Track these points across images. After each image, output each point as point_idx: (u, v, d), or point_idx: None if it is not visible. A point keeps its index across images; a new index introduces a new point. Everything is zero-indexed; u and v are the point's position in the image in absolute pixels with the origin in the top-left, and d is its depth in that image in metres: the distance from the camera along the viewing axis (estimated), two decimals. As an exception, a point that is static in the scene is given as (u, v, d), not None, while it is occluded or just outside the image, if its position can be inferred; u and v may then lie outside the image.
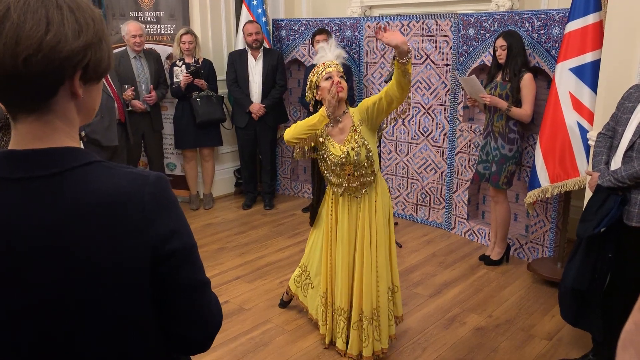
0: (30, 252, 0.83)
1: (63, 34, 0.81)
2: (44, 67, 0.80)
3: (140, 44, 4.69)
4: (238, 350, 2.97)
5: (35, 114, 0.85)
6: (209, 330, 0.99)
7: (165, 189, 0.92)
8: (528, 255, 4.13)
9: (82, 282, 0.85)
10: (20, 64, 0.79)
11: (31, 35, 0.79)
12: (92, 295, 0.86)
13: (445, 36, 4.48)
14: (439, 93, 4.61)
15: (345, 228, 2.79)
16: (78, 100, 0.89)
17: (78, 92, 0.87)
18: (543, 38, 3.82)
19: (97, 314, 0.87)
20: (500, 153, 3.77)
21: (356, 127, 2.69)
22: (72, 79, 0.85)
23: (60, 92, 0.85)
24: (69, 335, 0.86)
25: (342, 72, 2.75)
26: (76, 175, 0.86)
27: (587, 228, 2.56)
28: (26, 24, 0.79)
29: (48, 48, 0.80)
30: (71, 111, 0.89)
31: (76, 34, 0.83)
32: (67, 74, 0.84)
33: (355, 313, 2.81)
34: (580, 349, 2.93)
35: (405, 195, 5.02)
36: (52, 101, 0.85)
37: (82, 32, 0.83)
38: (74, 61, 0.83)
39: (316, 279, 3.05)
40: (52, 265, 0.84)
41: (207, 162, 5.26)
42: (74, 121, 0.90)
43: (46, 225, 0.83)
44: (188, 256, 0.93)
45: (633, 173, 2.40)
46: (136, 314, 0.91)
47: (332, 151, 2.70)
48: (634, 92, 2.57)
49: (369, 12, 5.54)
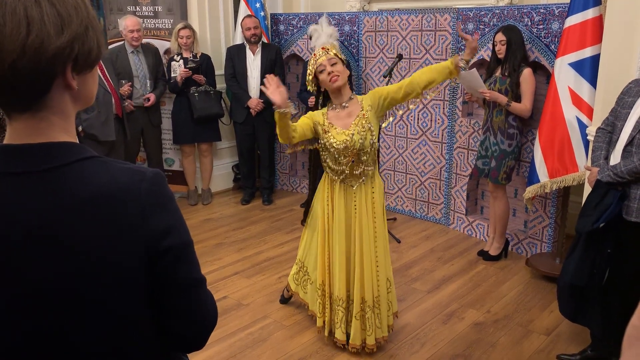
0: (25, 245, 0.82)
1: (45, 33, 0.78)
2: (32, 70, 0.78)
3: (137, 38, 4.67)
4: (237, 346, 2.97)
5: (30, 111, 0.84)
6: (204, 328, 0.99)
7: (162, 185, 0.91)
8: (527, 250, 4.13)
9: (78, 277, 0.84)
10: (7, 70, 0.77)
11: (12, 40, 0.76)
12: (87, 290, 0.85)
13: (444, 31, 4.46)
14: (437, 88, 4.59)
15: (342, 218, 2.79)
16: (73, 91, 0.87)
17: (72, 84, 0.85)
18: (542, 33, 3.81)
19: (93, 309, 0.86)
20: (500, 148, 3.77)
21: (365, 112, 2.68)
22: (64, 74, 0.83)
23: (54, 87, 0.84)
24: (64, 330, 0.86)
25: (335, 54, 2.71)
26: (72, 170, 0.85)
27: (586, 223, 2.55)
28: (6, 27, 0.76)
29: (32, 50, 0.77)
30: (66, 104, 0.87)
31: (59, 29, 0.79)
32: (57, 70, 0.82)
33: (356, 303, 2.80)
34: (578, 344, 2.93)
35: (403, 190, 5.01)
36: (46, 97, 0.84)
37: (65, 25, 0.80)
38: (62, 57, 0.81)
39: (314, 273, 3.04)
40: (47, 259, 0.83)
41: (206, 158, 5.25)
42: (69, 115, 0.89)
43: (41, 220, 0.83)
44: (184, 253, 0.93)
45: (632, 168, 2.40)
46: (132, 310, 0.90)
47: (336, 137, 2.68)
48: (634, 87, 2.56)
49: (368, 6, 5.52)
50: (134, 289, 0.89)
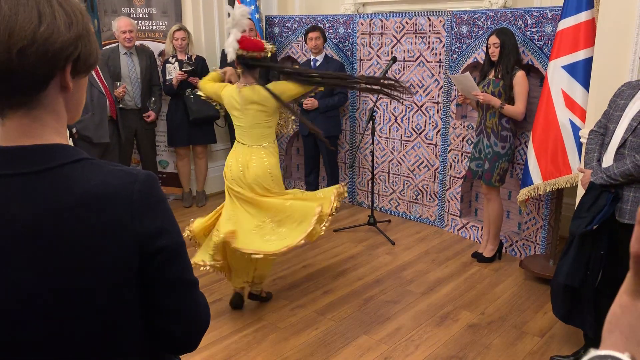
0: (11, 249, 0.82)
1: (56, 26, 0.81)
2: (38, 59, 0.80)
3: (130, 39, 4.66)
4: (231, 348, 2.96)
5: (24, 109, 0.84)
6: (196, 330, 0.99)
7: (155, 187, 0.92)
8: (520, 252, 4.14)
9: (67, 280, 0.84)
10: (15, 56, 0.78)
11: (24, 27, 0.79)
12: (77, 293, 0.85)
13: (438, 33, 4.48)
14: (432, 90, 4.62)
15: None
16: (67, 95, 0.88)
17: (69, 84, 0.86)
18: (536, 35, 3.83)
19: (82, 310, 0.86)
20: (493, 151, 3.78)
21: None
22: (63, 72, 0.85)
23: (51, 86, 0.85)
24: (54, 333, 0.85)
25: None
26: (63, 172, 0.85)
27: (580, 225, 2.57)
28: (18, 16, 0.79)
29: (42, 39, 0.80)
30: (60, 106, 0.88)
31: (67, 26, 0.83)
32: (59, 65, 0.84)
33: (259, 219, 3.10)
34: (572, 346, 2.95)
35: (398, 192, 5.02)
36: (42, 95, 0.85)
37: (72, 24, 0.84)
38: (67, 53, 0.83)
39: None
40: (34, 262, 0.83)
41: (200, 160, 5.24)
42: (62, 117, 0.89)
43: (30, 222, 0.83)
44: (176, 254, 0.93)
45: (625, 170, 2.41)
46: (123, 312, 0.90)
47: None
48: (626, 90, 2.58)
49: (362, 9, 5.53)
50: (126, 291, 0.89)
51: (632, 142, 2.42)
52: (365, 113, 5.05)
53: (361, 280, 3.76)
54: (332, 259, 4.13)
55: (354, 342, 3.02)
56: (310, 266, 4.00)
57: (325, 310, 3.36)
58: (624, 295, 0.45)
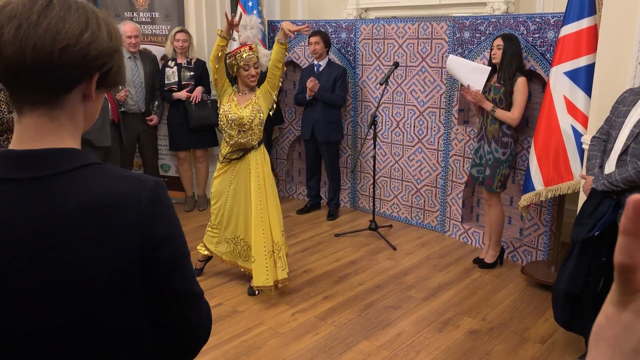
0: (15, 256, 0.82)
1: (99, 35, 0.87)
2: (76, 59, 0.84)
3: (135, 44, 4.67)
4: (231, 353, 2.95)
5: (44, 109, 0.86)
6: (194, 342, 0.99)
7: (163, 194, 0.92)
8: (522, 258, 4.13)
9: (70, 288, 0.84)
10: (57, 52, 0.82)
11: (72, 28, 0.84)
12: (80, 301, 0.84)
13: (440, 39, 4.48)
14: (434, 96, 4.62)
15: (241, 178, 3.47)
16: (87, 104, 0.91)
17: (92, 93, 0.90)
18: (538, 41, 3.83)
19: (86, 320, 0.86)
20: (494, 157, 3.78)
21: (257, 98, 3.40)
22: (90, 80, 0.88)
23: (75, 91, 0.87)
24: (56, 340, 0.85)
25: (257, 56, 3.36)
26: (72, 177, 0.85)
27: (581, 231, 2.56)
28: (68, 19, 0.84)
29: (86, 42, 0.84)
30: (79, 113, 0.90)
31: (109, 38, 0.89)
32: (91, 72, 0.87)
33: (267, 243, 3.43)
34: (573, 353, 2.93)
35: (399, 197, 5.01)
36: (65, 97, 0.87)
37: (112, 38, 0.90)
38: (102, 61, 0.87)
39: (219, 228, 3.61)
40: (41, 268, 0.82)
41: (201, 164, 5.24)
42: (79, 123, 0.91)
43: (35, 228, 0.82)
44: (179, 264, 0.92)
45: (627, 177, 2.41)
46: (125, 320, 0.90)
47: (232, 110, 3.37)
48: (628, 96, 2.58)
49: (365, 14, 5.54)
50: (129, 299, 0.89)
51: (635, 148, 2.42)
52: (367, 118, 5.05)
53: (362, 286, 3.76)
54: (333, 263, 4.13)
55: (355, 347, 3.01)
56: (311, 271, 4.00)
57: (325, 316, 3.35)
58: (609, 306, 0.45)
